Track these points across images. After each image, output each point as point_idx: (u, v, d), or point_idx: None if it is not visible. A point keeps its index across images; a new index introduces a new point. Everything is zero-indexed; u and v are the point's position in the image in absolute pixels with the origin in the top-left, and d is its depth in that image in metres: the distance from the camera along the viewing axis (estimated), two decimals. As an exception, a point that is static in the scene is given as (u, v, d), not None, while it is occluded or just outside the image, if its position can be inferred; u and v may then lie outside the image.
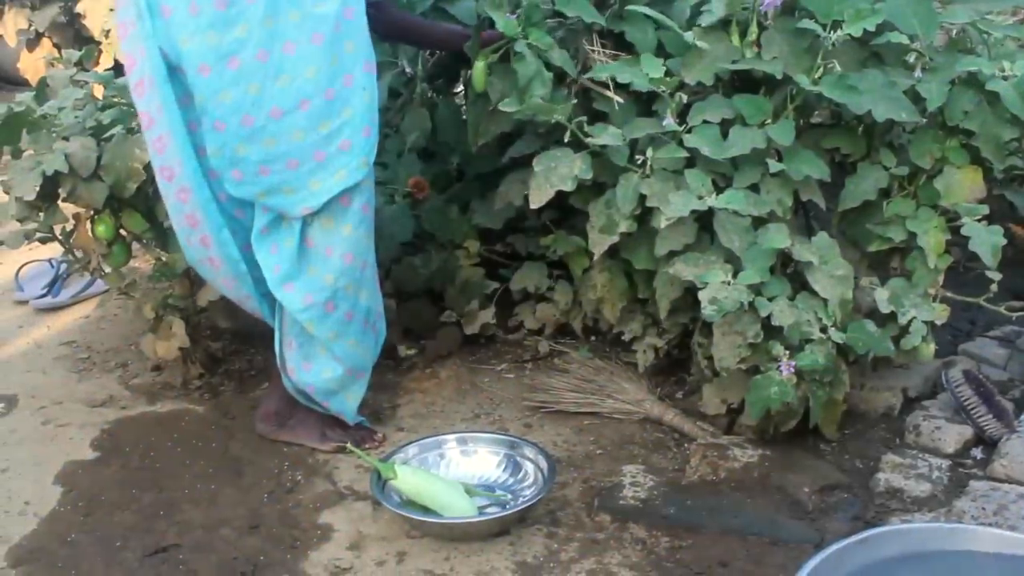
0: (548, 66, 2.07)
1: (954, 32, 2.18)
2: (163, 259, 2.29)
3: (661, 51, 2.13)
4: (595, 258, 2.13)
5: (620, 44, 2.19)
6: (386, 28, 2.07)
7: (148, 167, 2.15)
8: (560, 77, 2.13)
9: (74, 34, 4.12)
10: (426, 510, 1.82)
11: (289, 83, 1.76)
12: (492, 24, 2.09)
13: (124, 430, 2.21)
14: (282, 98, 1.76)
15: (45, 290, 2.93)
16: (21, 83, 4.52)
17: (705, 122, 2.00)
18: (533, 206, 2.06)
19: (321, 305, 1.91)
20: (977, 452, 1.97)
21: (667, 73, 2.01)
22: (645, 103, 2.15)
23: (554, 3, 2.13)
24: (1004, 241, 1.95)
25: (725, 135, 1.98)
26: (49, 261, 3.01)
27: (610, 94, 2.11)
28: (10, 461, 2.10)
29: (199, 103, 1.78)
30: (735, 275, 1.90)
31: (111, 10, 3.88)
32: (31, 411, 2.31)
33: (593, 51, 2.17)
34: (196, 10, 1.71)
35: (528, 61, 2.02)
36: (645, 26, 2.15)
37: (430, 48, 2.57)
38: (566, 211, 2.34)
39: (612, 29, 2.17)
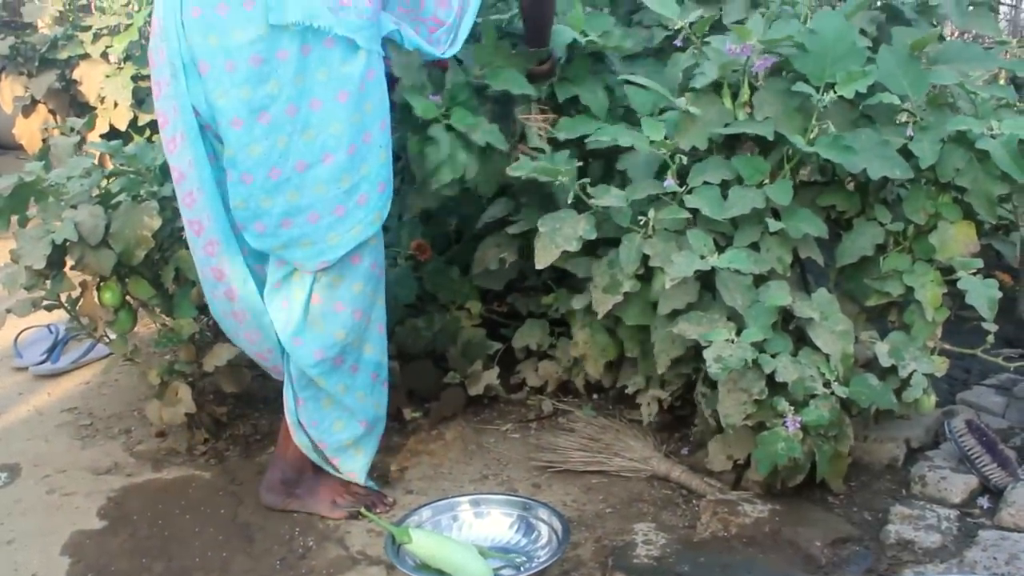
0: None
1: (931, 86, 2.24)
2: (168, 325, 2.31)
3: (633, 114, 2.20)
4: (599, 317, 2.15)
5: (561, 106, 2.29)
6: None
7: (156, 234, 2.18)
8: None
9: (69, 100, 4.16)
10: (441, 574, 1.82)
11: (314, 138, 1.82)
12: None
13: (131, 498, 2.20)
14: (307, 152, 1.83)
15: (44, 356, 2.93)
16: (15, 147, 4.56)
17: (705, 183, 2.05)
18: (538, 267, 2.10)
19: (331, 360, 1.96)
20: (984, 501, 1.99)
21: (666, 137, 2.06)
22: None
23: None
24: (1000, 294, 2.00)
25: (725, 195, 2.03)
26: (48, 327, 3.01)
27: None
28: (16, 532, 2.08)
29: (228, 156, 1.84)
30: (738, 332, 1.94)
31: (107, 76, 3.94)
32: (35, 480, 2.29)
33: (528, 118, 2.24)
34: (232, 67, 1.77)
35: (440, 146, 2.10)
36: (595, 87, 2.24)
37: None
38: (565, 269, 2.37)
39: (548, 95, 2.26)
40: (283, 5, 1.76)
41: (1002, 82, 2.68)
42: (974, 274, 2.03)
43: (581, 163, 2.15)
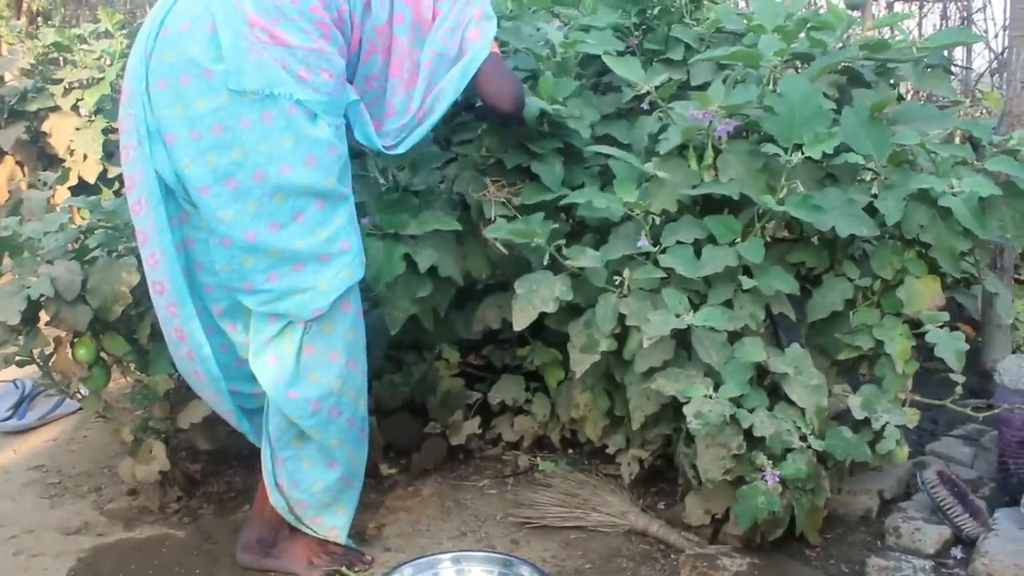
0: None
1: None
2: (143, 381, 2.28)
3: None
4: (577, 376, 2.17)
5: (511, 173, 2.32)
6: None
7: (134, 290, 2.17)
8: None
9: (38, 152, 4.14)
10: (422, 633, 1.81)
11: (284, 200, 1.85)
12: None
13: (102, 559, 2.15)
14: (278, 213, 1.86)
15: (10, 412, 2.88)
16: (-20, 198, 4.51)
17: (679, 242, 2.09)
18: (517, 328, 2.12)
19: (327, 411, 1.95)
20: (957, 552, 2.02)
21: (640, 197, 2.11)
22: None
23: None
24: (967, 346, 2.06)
25: (698, 254, 2.07)
26: (13, 382, 2.96)
27: (500, 247, 2.23)
28: (-18, 597, 2.04)
29: (204, 222, 1.86)
30: (715, 388, 1.97)
31: (77, 129, 3.94)
32: (1, 541, 2.24)
33: (484, 196, 2.28)
34: (197, 135, 1.80)
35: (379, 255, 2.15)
36: (552, 160, 2.27)
37: None
38: (540, 323, 2.39)
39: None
40: (241, 72, 1.79)
41: (958, 141, 2.78)
42: (941, 327, 2.09)
43: (555, 227, 2.17)
